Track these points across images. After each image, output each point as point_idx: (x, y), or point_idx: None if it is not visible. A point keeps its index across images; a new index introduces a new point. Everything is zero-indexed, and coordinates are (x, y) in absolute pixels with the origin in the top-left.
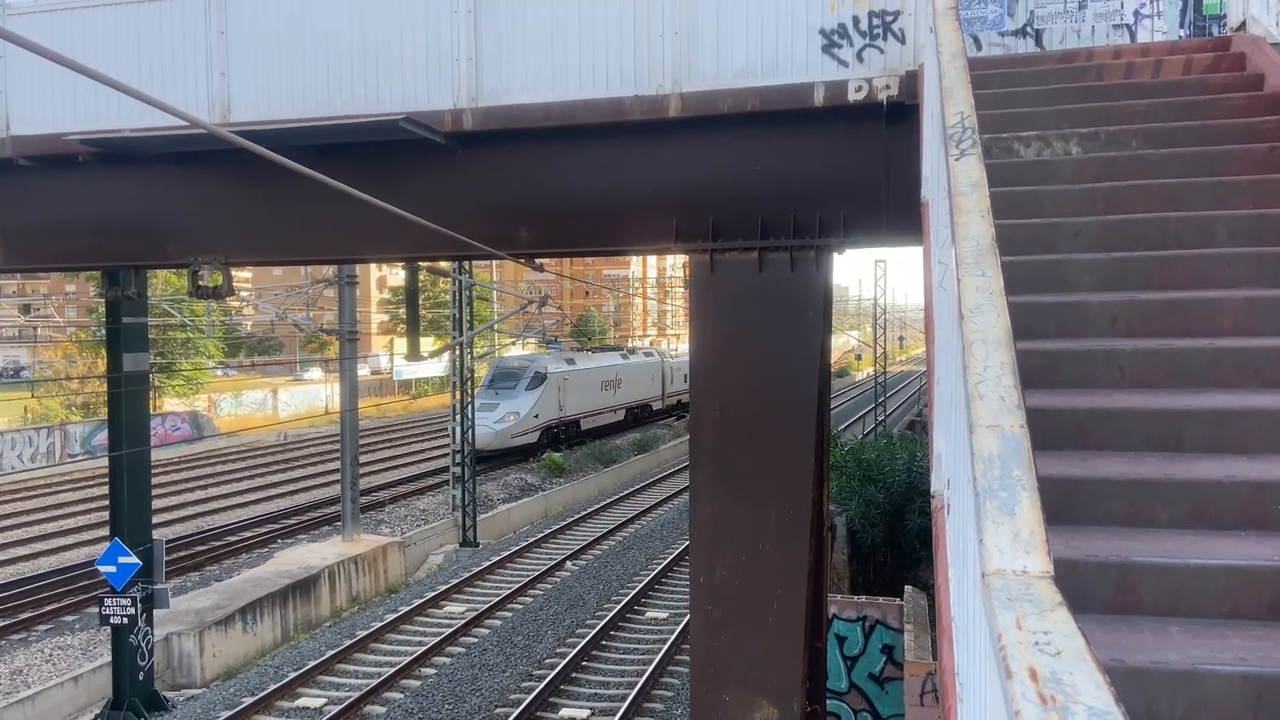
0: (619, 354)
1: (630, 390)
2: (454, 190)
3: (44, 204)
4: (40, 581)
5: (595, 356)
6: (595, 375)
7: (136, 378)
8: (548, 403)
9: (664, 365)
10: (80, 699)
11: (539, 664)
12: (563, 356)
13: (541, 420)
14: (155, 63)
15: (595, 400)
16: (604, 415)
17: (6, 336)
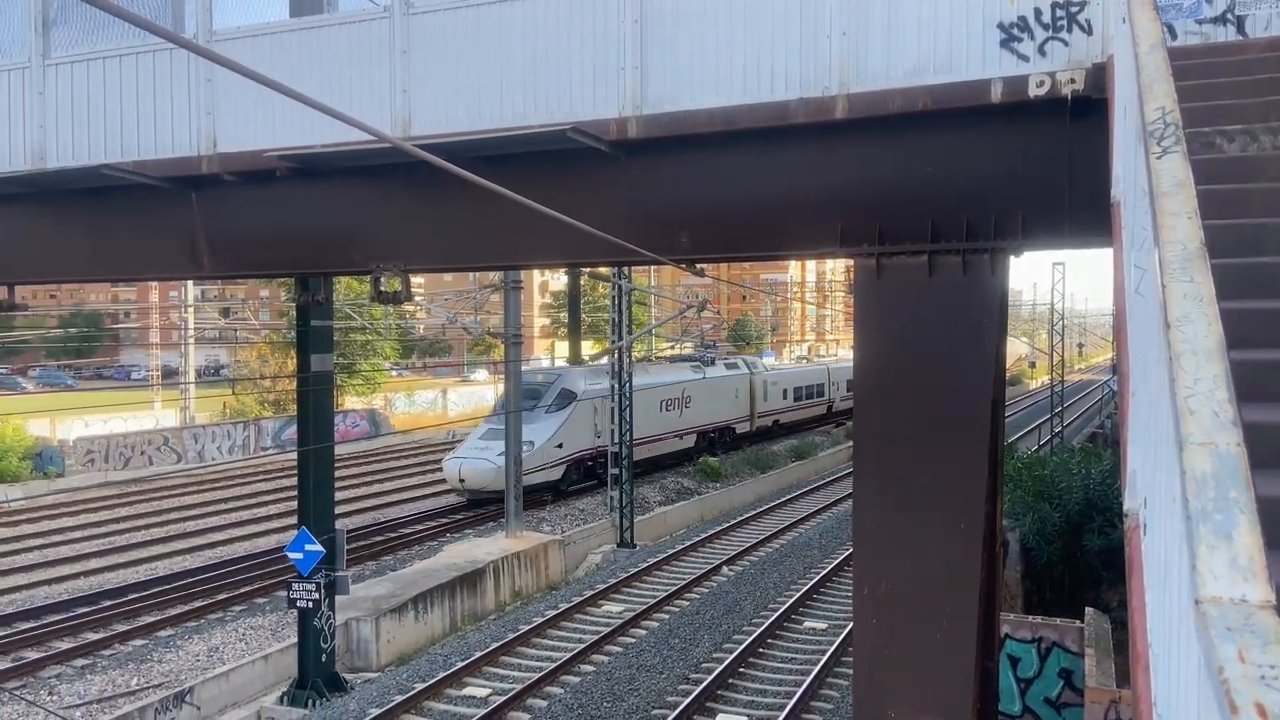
0: (690, 366)
1: (703, 410)
2: (617, 196)
3: (244, 216)
4: (236, 565)
5: (656, 369)
6: (650, 393)
7: (322, 377)
8: (577, 428)
9: (753, 380)
10: (269, 676)
11: (695, 667)
12: (604, 369)
13: (567, 451)
14: (344, 82)
15: (651, 423)
16: (665, 442)
17: (209, 337)
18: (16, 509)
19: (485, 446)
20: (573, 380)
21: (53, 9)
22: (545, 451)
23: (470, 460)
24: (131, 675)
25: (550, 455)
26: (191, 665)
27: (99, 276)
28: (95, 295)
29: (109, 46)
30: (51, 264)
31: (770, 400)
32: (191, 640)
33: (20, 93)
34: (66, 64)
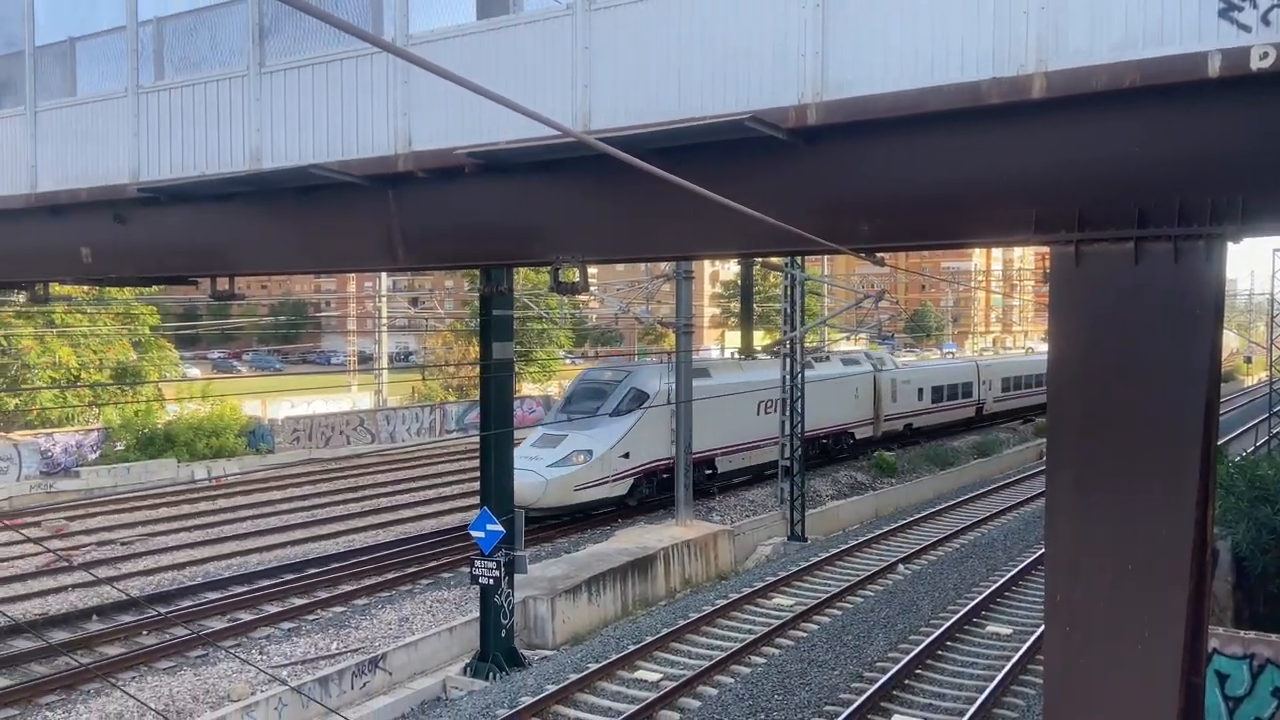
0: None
1: (814, 412)
2: (793, 185)
3: (435, 211)
4: (423, 540)
5: (751, 366)
6: (740, 393)
7: (503, 364)
8: (650, 435)
9: (878, 379)
10: (454, 648)
11: (870, 666)
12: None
13: (635, 462)
14: (527, 79)
15: (745, 428)
16: (762, 449)
17: (399, 325)
18: (231, 482)
19: (534, 456)
20: (646, 378)
21: (267, 20)
22: (607, 462)
23: (516, 472)
24: (331, 639)
25: (613, 466)
26: (384, 633)
27: (306, 269)
28: (300, 286)
29: (317, 54)
30: (266, 257)
31: (901, 401)
32: (384, 609)
33: (240, 99)
34: (280, 71)
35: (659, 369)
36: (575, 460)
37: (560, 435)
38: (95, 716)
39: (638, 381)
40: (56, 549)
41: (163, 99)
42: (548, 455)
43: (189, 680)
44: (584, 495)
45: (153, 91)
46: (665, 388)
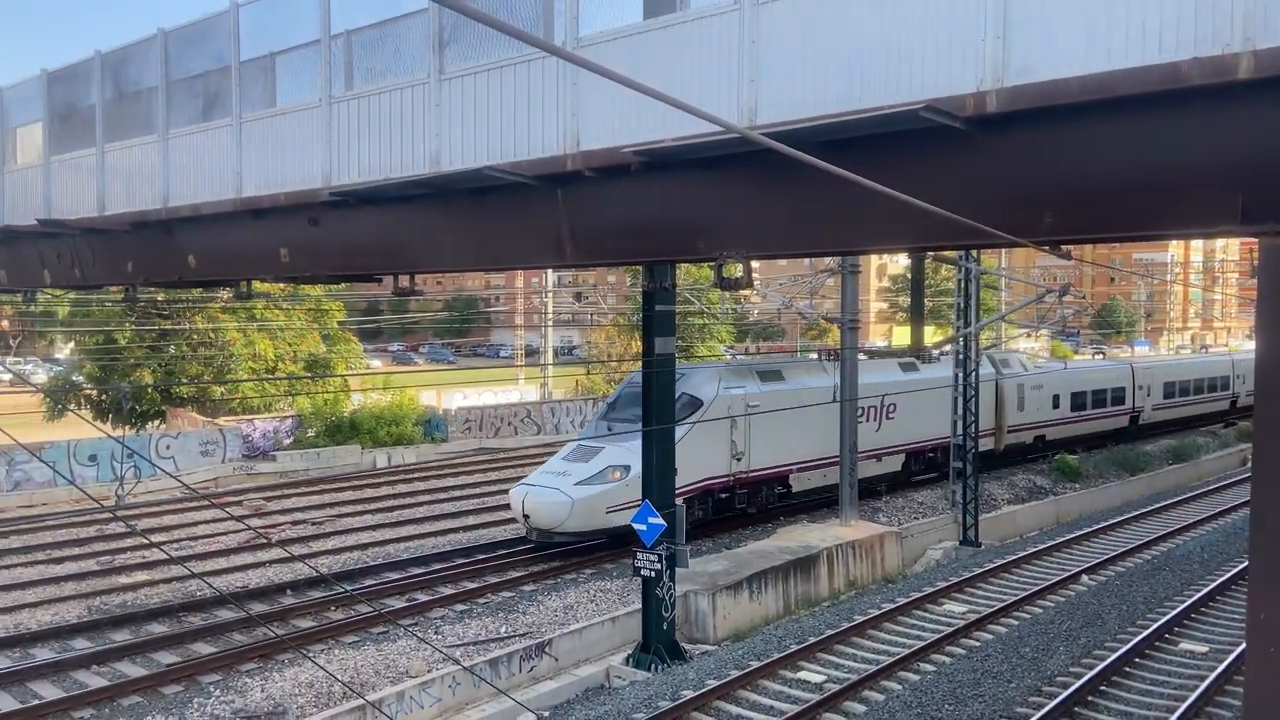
0: (898, 363)
1: (916, 422)
2: (969, 176)
3: (601, 208)
4: None
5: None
6: (819, 397)
7: (665, 359)
8: (703, 448)
9: (1000, 384)
10: (615, 638)
11: (1049, 680)
12: (753, 368)
13: (685, 479)
14: (693, 77)
15: (823, 439)
16: (829, 471)
17: (563, 320)
18: (408, 467)
19: (564, 471)
20: (700, 383)
21: (446, 30)
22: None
23: (538, 489)
24: (500, 623)
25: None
26: (549, 619)
27: (481, 267)
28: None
29: (491, 60)
30: (443, 255)
31: (1031, 410)
32: (549, 596)
33: (422, 106)
34: (457, 78)
35: (717, 371)
36: (610, 477)
37: (596, 448)
38: (289, 684)
39: (690, 386)
40: (256, 527)
41: (352, 108)
42: (578, 471)
43: (371, 655)
44: (617, 518)
45: (343, 101)
46: (725, 394)
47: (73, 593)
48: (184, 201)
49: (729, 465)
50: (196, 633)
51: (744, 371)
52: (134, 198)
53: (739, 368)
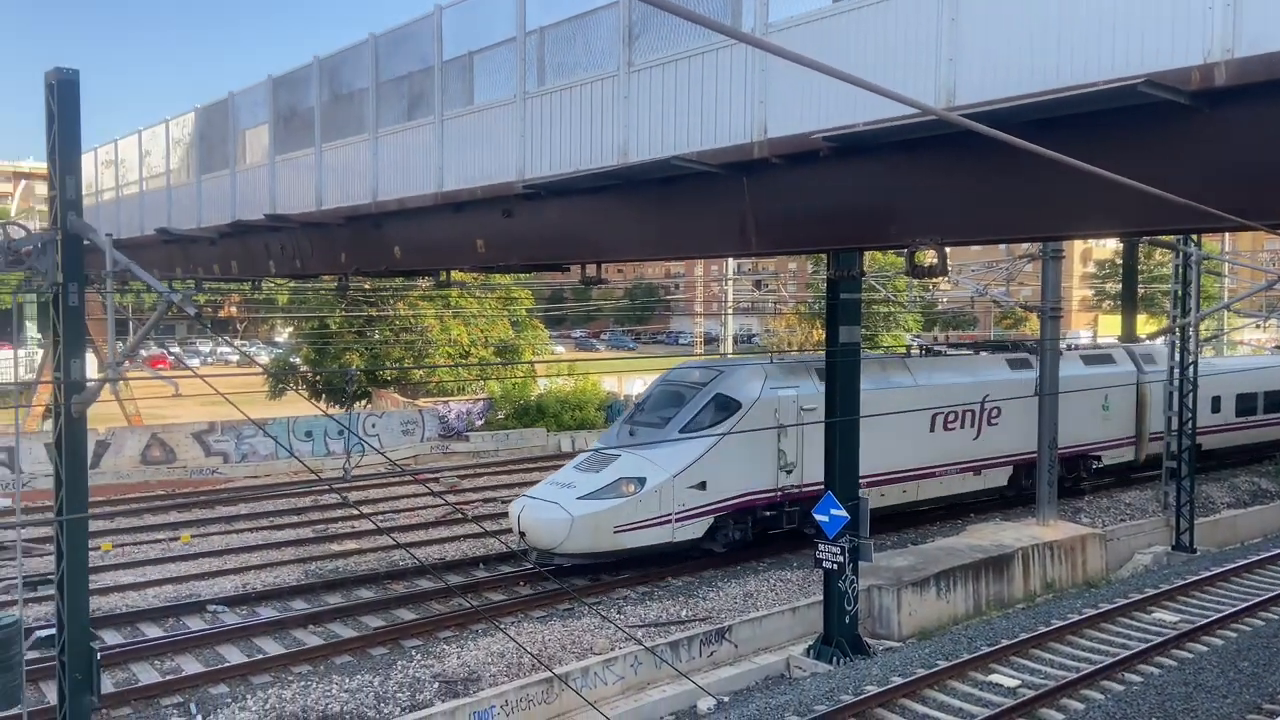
0: (1004, 359)
1: (1025, 429)
2: (1191, 154)
3: (787, 196)
4: None
5: (924, 365)
6: (899, 399)
7: (849, 349)
8: (741, 459)
9: (1142, 385)
10: (796, 628)
11: (1270, 697)
12: (812, 365)
13: (716, 495)
14: (886, 59)
15: (909, 448)
16: (941, 478)
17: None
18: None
19: (568, 483)
20: (738, 382)
21: (636, 23)
22: (668, 495)
23: (536, 503)
24: (681, 607)
25: (680, 500)
26: (729, 606)
27: (663, 256)
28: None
29: (679, 50)
30: (629, 245)
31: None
32: (729, 583)
33: (611, 98)
34: (645, 69)
35: (762, 369)
36: (622, 490)
37: (612, 456)
38: (483, 653)
39: (726, 385)
40: (453, 503)
41: (544, 103)
42: (585, 483)
43: (558, 630)
44: (629, 539)
45: (536, 96)
46: (769, 396)
47: (291, 557)
48: (391, 196)
49: (775, 478)
50: (400, 599)
51: (799, 369)
52: (347, 193)
53: (794, 365)
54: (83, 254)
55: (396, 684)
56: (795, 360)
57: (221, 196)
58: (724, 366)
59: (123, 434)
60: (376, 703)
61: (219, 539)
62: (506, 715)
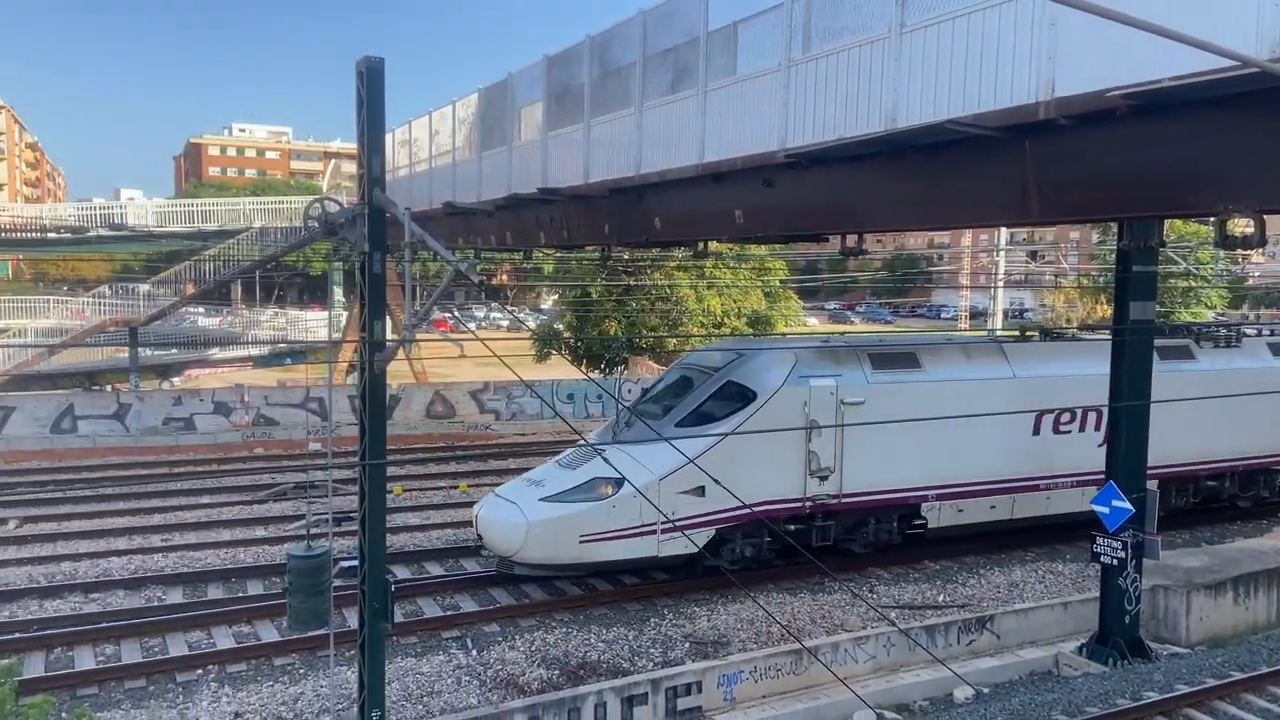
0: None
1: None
2: None
3: (1076, 159)
4: None
5: (1026, 352)
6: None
7: (1141, 326)
8: (753, 460)
9: None
10: (1067, 624)
11: None
12: (866, 349)
13: (719, 503)
14: (1193, 3)
15: (1003, 456)
16: (1043, 493)
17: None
18: None
19: (537, 482)
20: (760, 367)
21: None
22: (652, 500)
23: (496, 502)
24: (938, 591)
25: (670, 506)
26: (991, 594)
27: (930, 225)
28: (913, 241)
29: (957, 8)
30: (893, 214)
31: None
32: (993, 571)
33: (880, 62)
34: (919, 30)
35: (794, 352)
36: (596, 492)
37: (600, 451)
38: (731, 619)
39: (741, 371)
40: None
41: (809, 69)
42: (555, 481)
43: (807, 603)
44: (598, 551)
45: (800, 63)
46: (797, 386)
47: None
48: (653, 169)
49: (802, 485)
50: None
51: (845, 355)
52: (611, 166)
53: (843, 348)
54: (385, 226)
55: (649, 640)
56: (848, 343)
57: (499, 171)
58: (747, 348)
59: (411, 390)
60: (631, 655)
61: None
62: (754, 681)
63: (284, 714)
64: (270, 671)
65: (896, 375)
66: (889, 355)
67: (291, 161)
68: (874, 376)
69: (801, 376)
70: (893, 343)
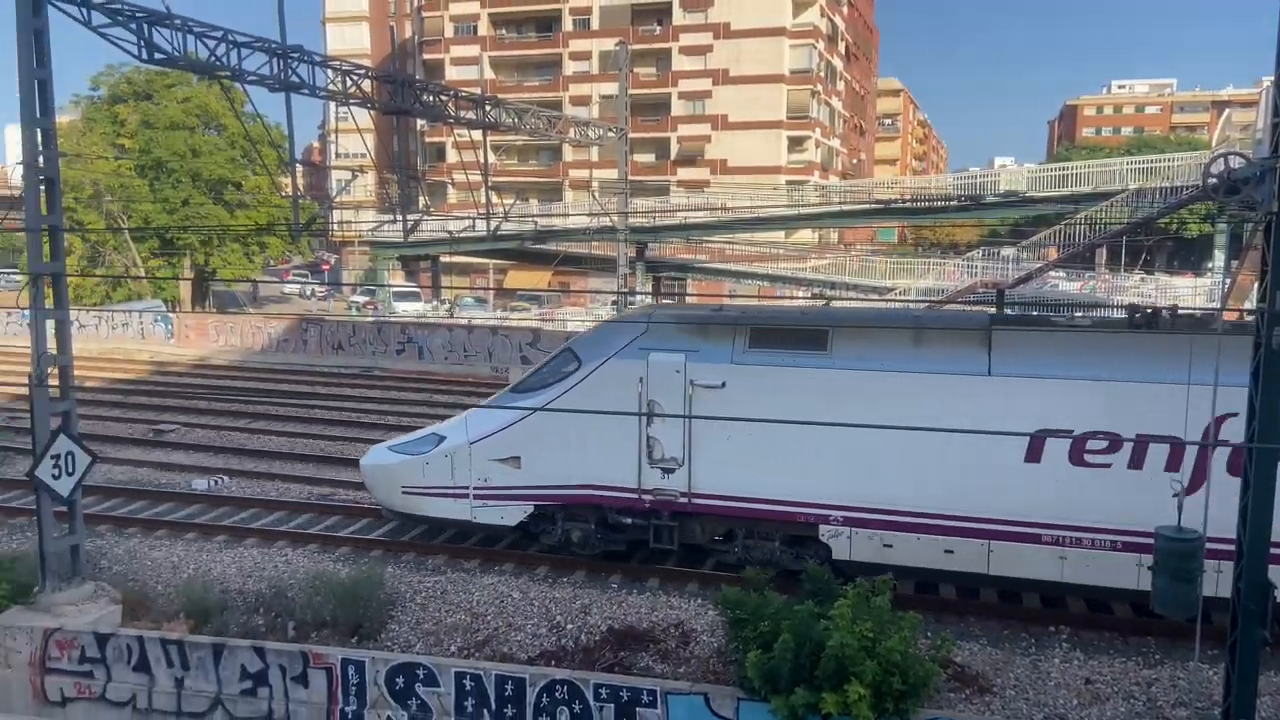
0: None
1: None
2: None
3: None
4: None
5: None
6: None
7: None
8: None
9: None
10: None
11: None
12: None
13: (534, 480)
14: None
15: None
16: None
17: None
18: None
19: (427, 435)
20: (595, 336)
21: None
22: (461, 463)
23: (375, 451)
24: None
25: (477, 473)
26: None
27: None
28: None
29: None
30: None
31: None
32: None
33: None
34: None
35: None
36: (423, 449)
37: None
38: None
39: (581, 340)
40: None
41: None
42: (418, 434)
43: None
44: (419, 504)
45: None
46: (630, 360)
47: None
48: None
49: (636, 476)
50: None
51: (722, 327)
52: None
53: (719, 317)
54: None
55: None
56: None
57: None
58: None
59: None
60: None
61: None
62: None
63: (1136, 694)
64: (1123, 648)
65: (781, 356)
66: (779, 332)
67: (1173, 115)
68: (745, 355)
69: (642, 349)
70: (793, 315)
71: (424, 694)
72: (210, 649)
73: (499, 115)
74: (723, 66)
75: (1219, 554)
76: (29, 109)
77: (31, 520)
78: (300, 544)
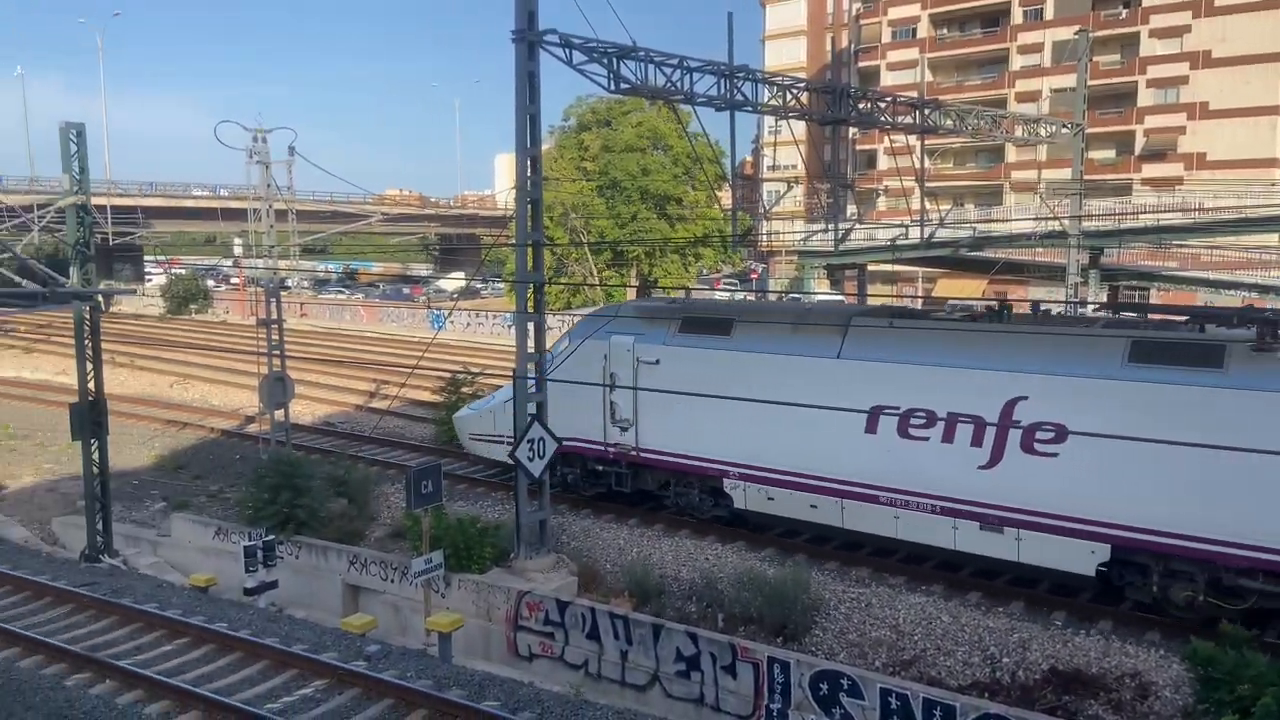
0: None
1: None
2: None
3: None
4: None
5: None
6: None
7: None
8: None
9: None
10: None
11: None
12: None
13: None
14: None
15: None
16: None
17: None
18: None
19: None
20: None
21: None
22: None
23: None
24: None
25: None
26: None
27: None
28: None
29: None
30: None
31: None
32: None
33: None
34: None
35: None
36: (482, 405)
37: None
38: None
39: (576, 327)
40: None
41: None
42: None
43: None
44: (480, 447)
45: None
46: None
47: None
48: None
49: (603, 432)
50: None
51: (664, 316)
52: None
53: (664, 308)
54: None
55: None
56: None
57: None
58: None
59: None
60: None
61: None
62: None
63: None
64: None
65: (699, 340)
66: (701, 320)
67: None
68: (674, 339)
69: (607, 332)
70: (710, 308)
71: (848, 704)
72: (650, 628)
73: (939, 118)
74: (1204, 48)
75: (1014, 522)
76: (522, 140)
77: (484, 493)
78: (729, 540)
